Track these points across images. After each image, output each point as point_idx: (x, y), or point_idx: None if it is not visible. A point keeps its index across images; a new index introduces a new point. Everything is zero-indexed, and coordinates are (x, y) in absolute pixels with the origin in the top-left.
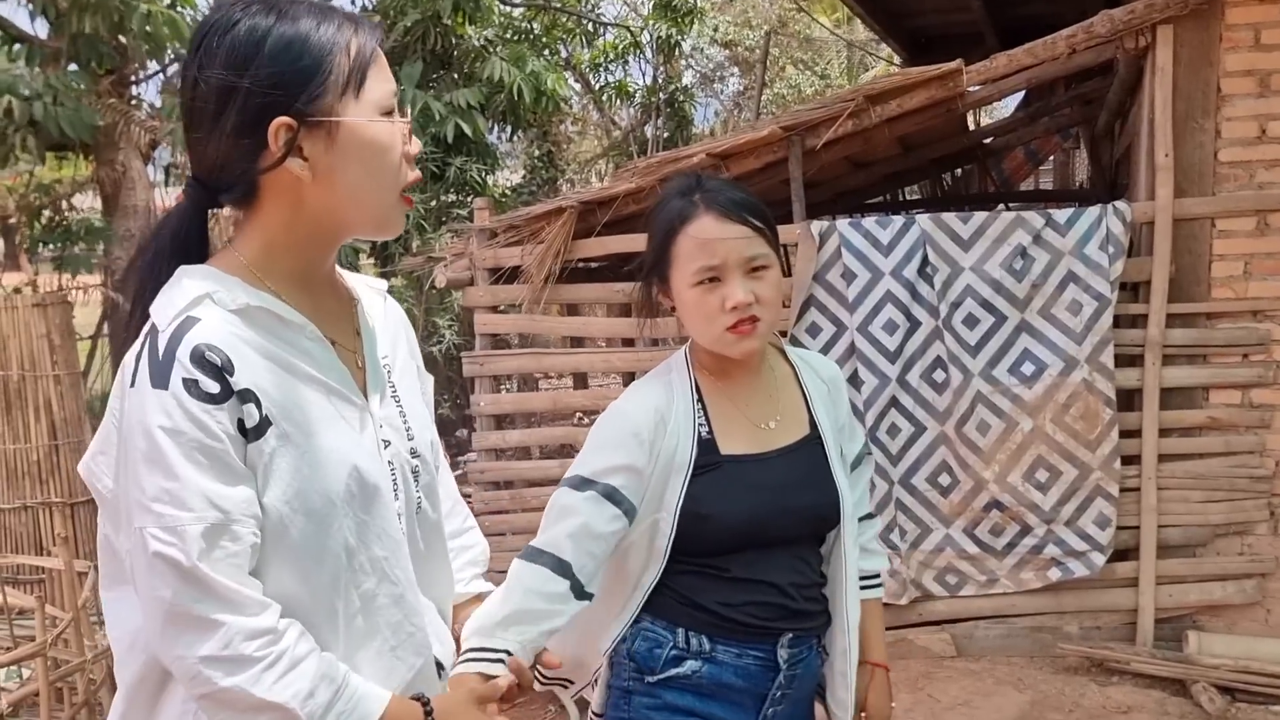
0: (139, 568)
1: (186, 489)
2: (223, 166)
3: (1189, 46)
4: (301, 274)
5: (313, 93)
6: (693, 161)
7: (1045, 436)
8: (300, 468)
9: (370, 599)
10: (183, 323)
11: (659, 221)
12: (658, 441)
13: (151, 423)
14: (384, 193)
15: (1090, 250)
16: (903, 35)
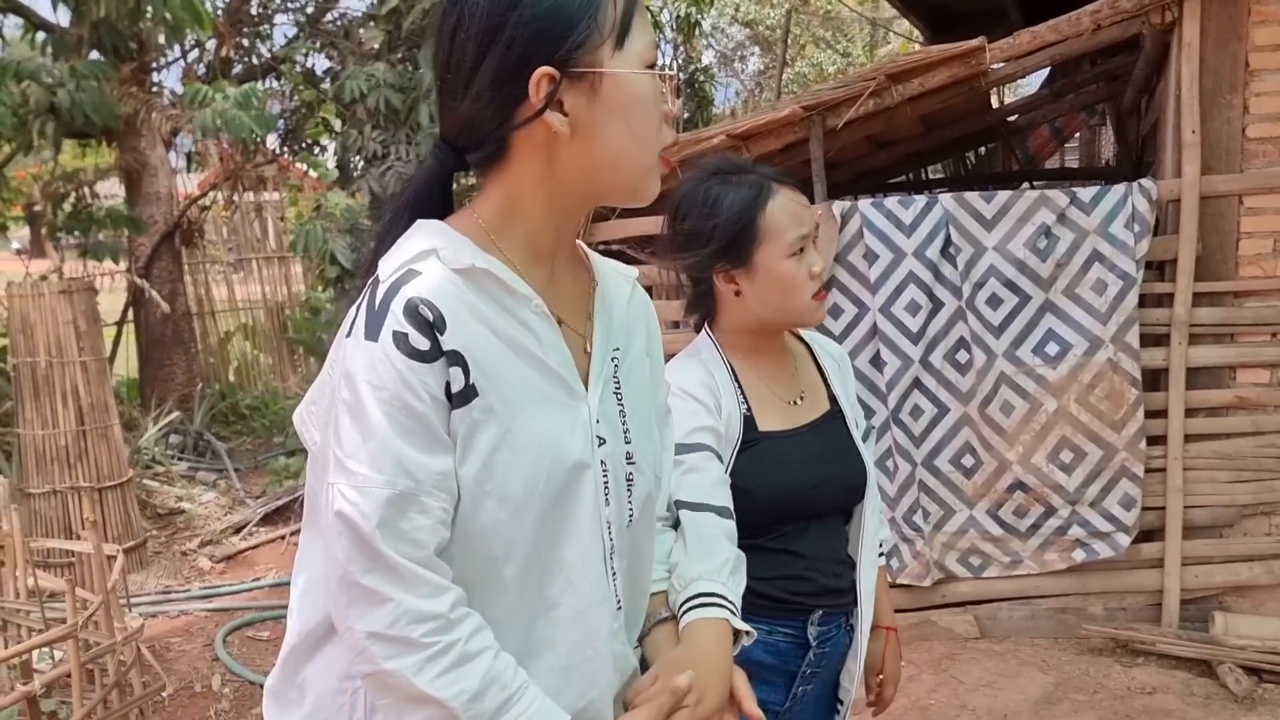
0: (327, 523)
1: (381, 449)
2: (476, 122)
3: (1217, 21)
4: (539, 242)
5: (577, 41)
6: (713, 143)
7: (1070, 417)
8: (501, 447)
9: (552, 606)
10: (403, 274)
11: (728, 204)
12: (717, 405)
13: (358, 375)
14: (643, 153)
15: (1115, 229)
16: (925, 12)
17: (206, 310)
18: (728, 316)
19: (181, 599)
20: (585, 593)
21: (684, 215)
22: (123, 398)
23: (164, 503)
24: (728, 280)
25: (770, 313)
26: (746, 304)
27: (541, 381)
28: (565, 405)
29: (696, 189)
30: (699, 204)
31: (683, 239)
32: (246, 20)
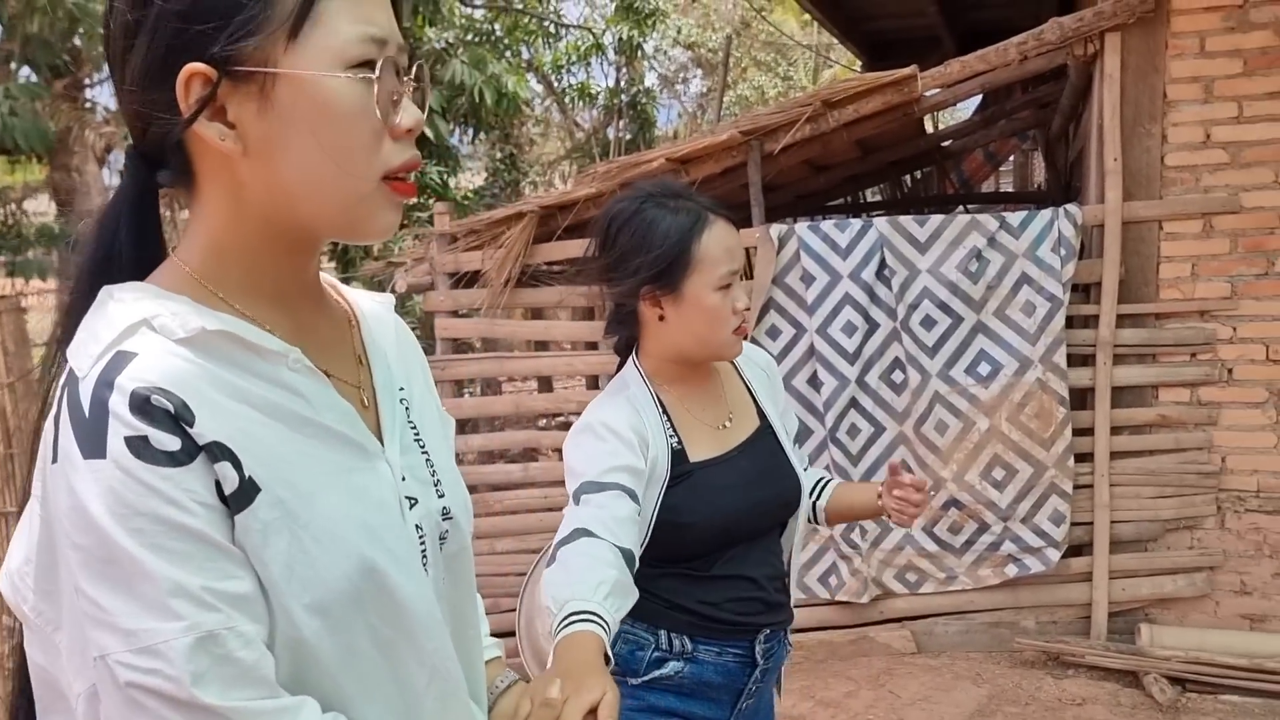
0: (116, 710)
1: (161, 591)
2: (140, 129)
3: (1136, 54)
4: (268, 286)
5: (240, 30)
6: (652, 166)
7: (1001, 435)
8: (306, 545)
9: (418, 704)
10: (111, 361)
11: (663, 230)
12: (643, 451)
13: (93, 509)
14: (347, 178)
15: (1043, 252)
16: (862, 38)
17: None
18: (651, 341)
19: None
20: (450, 674)
21: (615, 236)
22: None
23: None
24: (653, 304)
25: (691, 342)
26: (668, 331)
27: (326, 451)
28: (361, 471)
29: (631, 210)
30: (633, 226)
31: (613, 260)
32: None
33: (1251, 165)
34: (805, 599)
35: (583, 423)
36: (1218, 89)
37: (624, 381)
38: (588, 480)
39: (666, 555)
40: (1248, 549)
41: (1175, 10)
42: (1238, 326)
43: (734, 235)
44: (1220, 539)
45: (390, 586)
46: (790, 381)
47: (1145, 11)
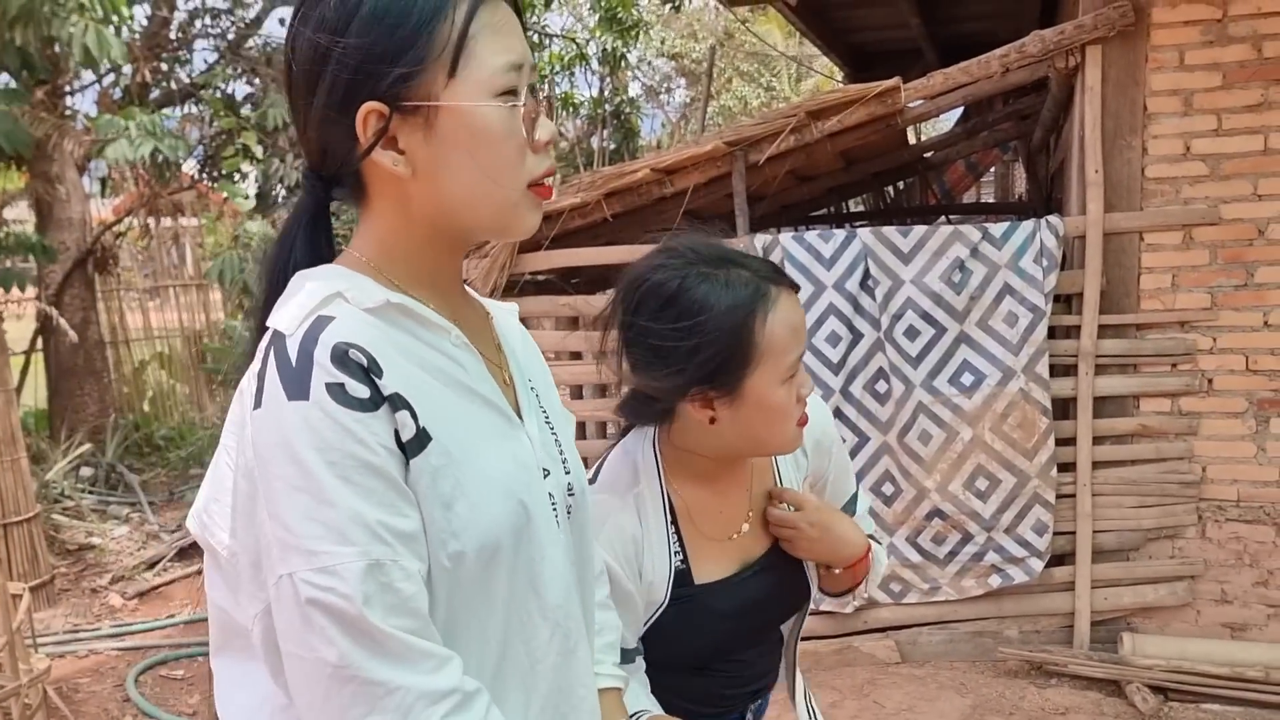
0: (289, 625)
1: (345, 518)
2: (324, 153)
3: (1117, 67)
4: (429, 278)
5: (405, 72)
6: (637, 177)
7: (984, 445)
8: (468, 491)
9: (542, 656)
10: (314, 323)
11: (718, 314)
12: (636, 579)
13: (296, 442)
14: (500, 190)
15: (1025, 263)
16: (845, 50)
17: (120, 339)
18: (688, 436)
19: (91, 638)
20: (572, 632)
21: (650, 317)
22: (30, 429)
23: (73, 538)
24: (704, 407)
25: (745, 444)
26: (719, 433)
27: (483, 415)
28: (508, 438)
29: (673, 286)
30: (678, 308)
31: (647, 349)
32: (165, 45)
33: (1230, 177)
34: None
35: None
36: (1197, 102)
37: (634, 473)
38: None
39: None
40: (1228, 558)
41: (1155, 24)
42: (1218, 337)
43: (799, 310)
44: (1201, 548)
45: (535, 534)
46: None
47: (1125, 25)
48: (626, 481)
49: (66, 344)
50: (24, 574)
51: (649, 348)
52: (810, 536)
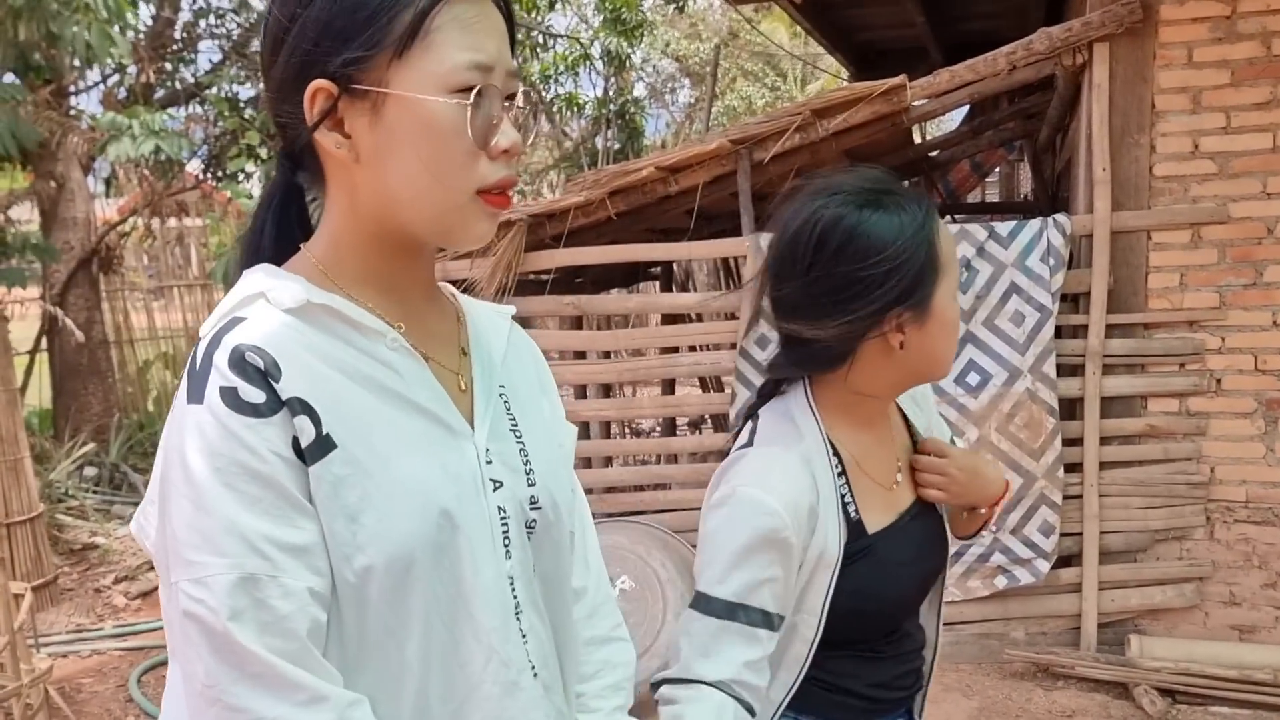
0: (171, 635)
1: (221, 527)
2: (282, 133)
3: (1125, 64)
4: (378, 280)
5: (359, 54)
6: (641, 175)
7: (991, 446)
8: (376, 501)
9: (477, 684)
10: (226, 324)
11: (905, 236)
12: (807, 540)
13: (186, 446)
14: (443, 190)
15: (1032, 262)
16: (850, 49)
17: (125, 338)
18: (864, 379)
19: (94, 638)
20: (512, 660)
21: (833, 255)
22: (34, 429)
23: (77, 538)
24: (896, 332)
25: (925, 366)
26: (901, 361)
27: (411, 422)
28: (445, 446)
29: (849, 220)
30: (861, 238)
31: (831, 289)
32: (169, 45)
33: (1239, 175)
34: None
35: (739, 491)
36: (1206, 99)
37: (796, 430)
38: (720, 600)
39: (835, 640)
40: (1237, 559)
41: (1163, 21)
42: (1226, 336)
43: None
44: (1209, 549)
45: (456, 551)
46: None
47: (1133, 22)
48: (788, 438)
49: (71, 344)
50: (27, 574)
51: (833, 287)
52: (961, 482)
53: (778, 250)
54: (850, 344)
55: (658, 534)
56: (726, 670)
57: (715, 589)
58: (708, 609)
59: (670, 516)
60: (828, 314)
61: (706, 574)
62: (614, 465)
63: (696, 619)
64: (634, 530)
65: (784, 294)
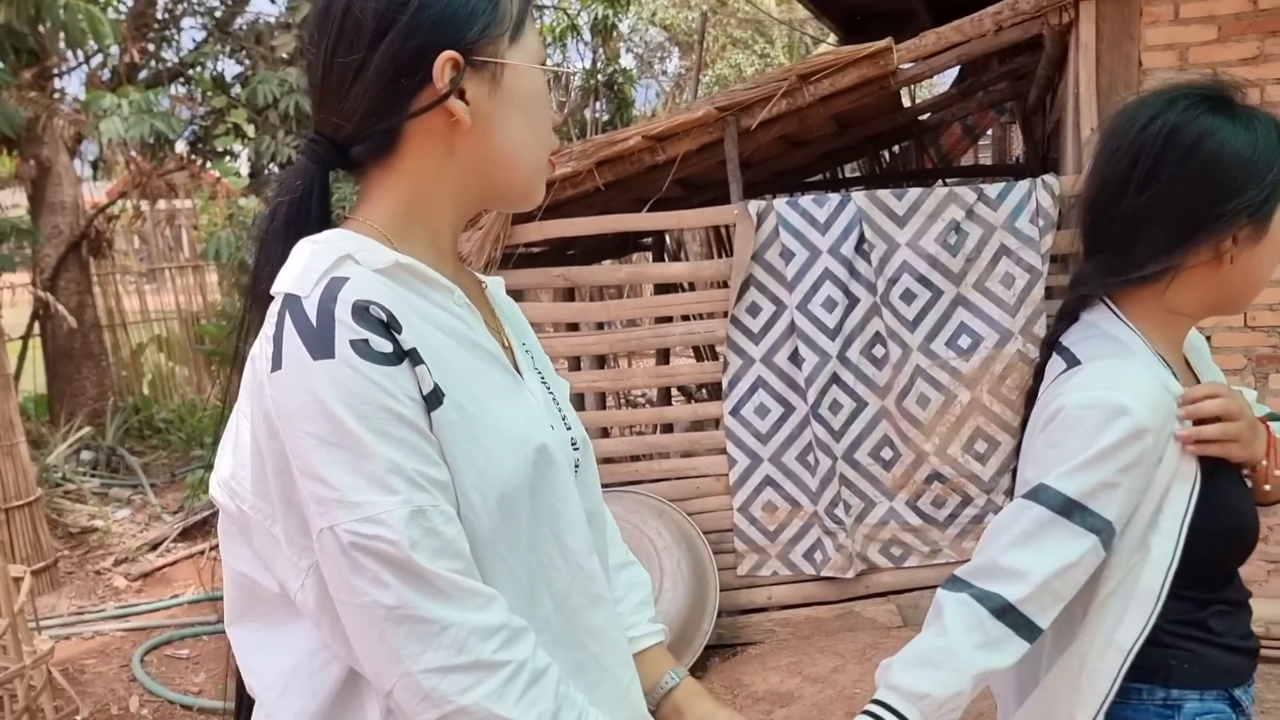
0: (337, 575)
1: (384, 469)
2: (368, 111)
3: (1111, 22)
4: (439, 244)
5: (480, 31)
6: (629, 144)
7: (983, 408)
8: (483, 444)
9: (565, 598)
10: (330, 283)
11: (1259, 145)
12: (1163, 449)
13: (326, 399)
14: (540, 151)
15: (1021, 224)
16: (837, 14)
17: (118, 322)
18: (1183, 296)
19: (95, 619)
20: (596, 575)
21: (1183, 160)
22: (30, 414)
23: (76, 521)
24: (1231, 244)
25: (1241, 288)
26: (1224, 279)
27: (491, 370)
28: (515, 393)
29: (1201, 125)
30: (1212, 143)
31: (1186, 192)
32: (152, 24)
33: None
34: (790, 575)
35: (1100, 393)
36: (1192, 56)
37: (1122, 345)
38: (1062, 495)
39: (1192, 573)
40: None
41: None
42: None
43: None
44: None
45: (554, 479)
46: (771, 359)
47: None
48: (1120, 352)
49: (64, 328)
50: (27, 558)
51: (1181, 193)
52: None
53: (1113, 152)
54: (1183, 254)
55: (653, 503)
56: (1041, 564)
57: (1059, 484)
58: (1041, 499)
59: (665, 485)
60: (1164, 218)
61: (1055, 469)
62: (610, 437)
63: (1027, 508)
64: (628, 499)
65: (1116, 198)
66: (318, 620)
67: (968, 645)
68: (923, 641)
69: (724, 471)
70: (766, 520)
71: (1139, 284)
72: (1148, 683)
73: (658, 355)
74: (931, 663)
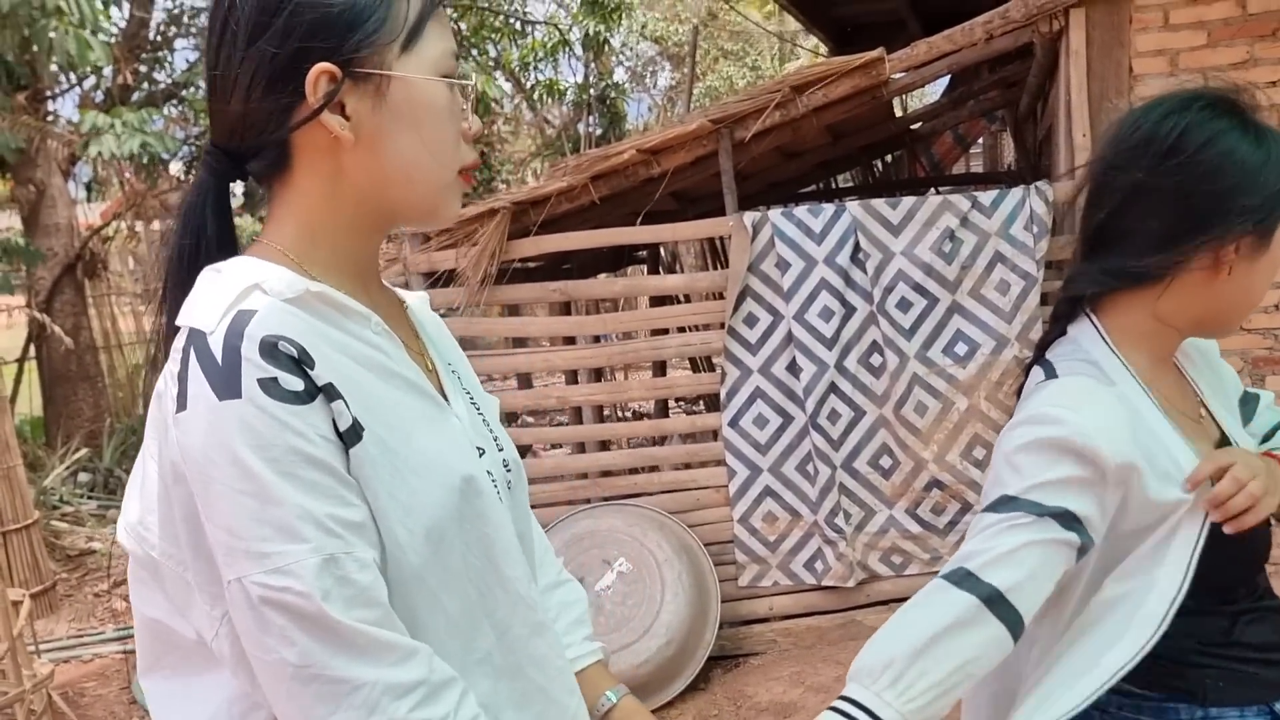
0: (246, 628)
1: (293, 515)
2: (249, 124)
3: (1101, 29)
4: (350, 265)
5: (363, 38)
6: (623, 158)
7: (981, 414)
8: (407, 477)
9: (506, 630)
10: (236, 317)
11: (1276, 157)
12: (1143, 453)
13: (232, 442)
14: (439, 168)
15: (1016, 230)
16: (828, 25)
17: (114, 343)
18: (1172, 307)
19: (94, 642)
20: (536, 603)
21: (1190, 160)
22: (26, 437)
23: (74, 544)
24: (1233, 253)
25: (1236, 303)
26: (1219, 292)
27: (411, 399)
28: (439, 420)
29: (1213, 127)
30: (1223, 146)
31: (1190, 191)
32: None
33: None
34: (791, 585)
35: (1040, 411)
36: (1183, 61)
37: (1087, 357)
38: (1016, 495)
39: (1209, 585)
40: None
41: None
42: None
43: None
44: None
45: (484, 509)
46: (769, 369)
47: None
48: (1097, 374)
49: (60, 350)
50: (25, 581)
51: (1186, 192)
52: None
53: (1120, 146)
54: (1179, 260)
55: (653, 515)
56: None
57: (1009, 490)
58: (996, 507)
59: (665, 498)
60: (1164, 219)
61: (1002, 489)
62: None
63: (983, 517)
64: (629, 513)
65: (1121, 193)
66: (235, 668)
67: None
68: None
69: (724, 483)
70: (767, 531)
71: (1134, 286)
72: (1185, 702)
73: (654, 367)
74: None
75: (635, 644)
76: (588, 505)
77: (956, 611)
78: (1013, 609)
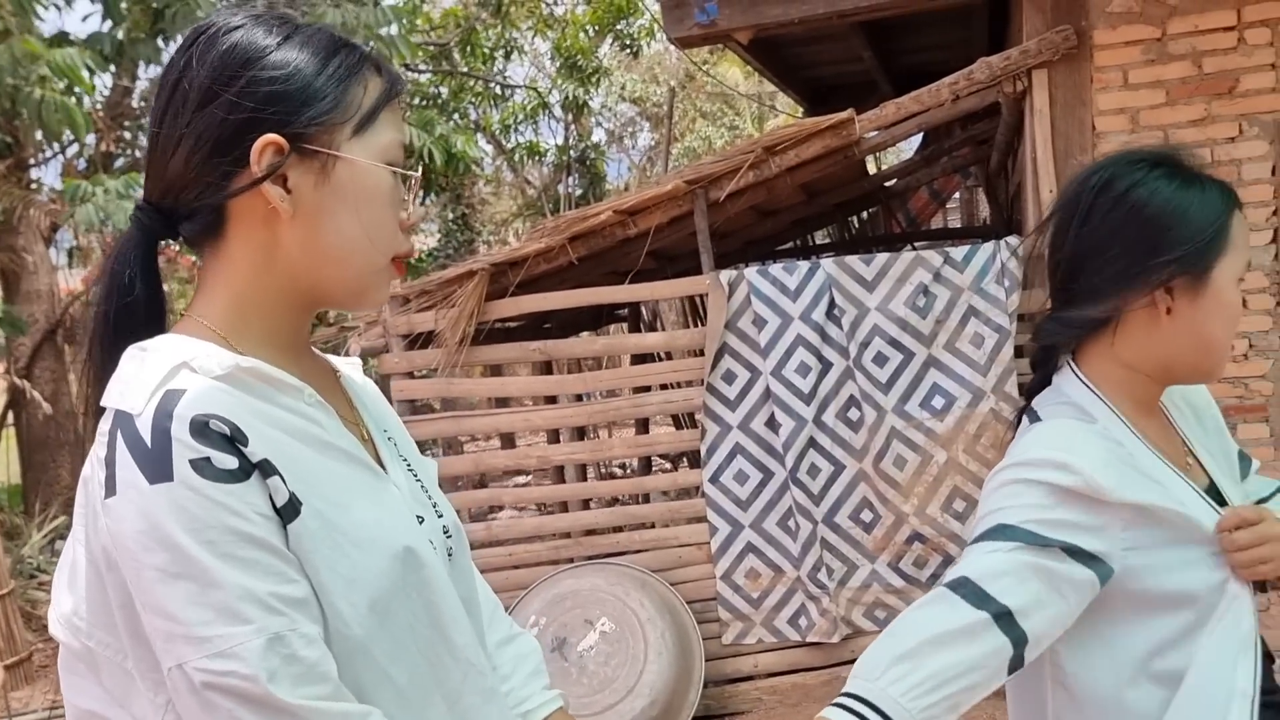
0: (192, 715)
1: (234, 597)
2: (186, 184)
3: (1063, 88)
4: (281, 338)
5: (315, 116)
6: (600, 219)
7: (959, 467)
8: (347, 551)
9: (457, 699)
10: (164, 398)
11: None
12: (1139, 477)
13: (165, 526)
14: (374, 252)
15: (988, 285)
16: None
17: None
18: (1130, 348)
19: None
20: (486, 670)
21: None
22: (3, 504)
23: None
24: (1165, 295)
25: (1195, 348)
26: (1170, 336)
27: (348, 470)
28: (377, 490)
29: (1136, 175)
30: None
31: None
32: (128, 114)
33: None
34: (776, 642)
35: (1030, 454)
36: (1143, 119)
37: (1068, 400)
38: (1017, 525)
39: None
40: None
41: (1097, 45)
42: None
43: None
44: None
45: (428, 578)
46: (748, 425)
47: (1069, 48)
48: (1078, 413)
49: (39, 417)
50: (0, 652)
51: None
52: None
53: (1062, 198)
54: (1118, 303)
55: (635, 574)
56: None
57: (1007, 519)
58: (998, 536)
59: (648, 556)
60: (1097, 265)
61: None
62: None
63: (983, 544)
64: (611, 571)
65: (1061, 243)
66: None
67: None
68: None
69: (705, 540)
70: (750, 587)
71: (1090, 334)
72: None
73: (637, 425)
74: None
75: (619, 704)
76: (570, 565)
77: (960, 618)
78: (1016, 625)
